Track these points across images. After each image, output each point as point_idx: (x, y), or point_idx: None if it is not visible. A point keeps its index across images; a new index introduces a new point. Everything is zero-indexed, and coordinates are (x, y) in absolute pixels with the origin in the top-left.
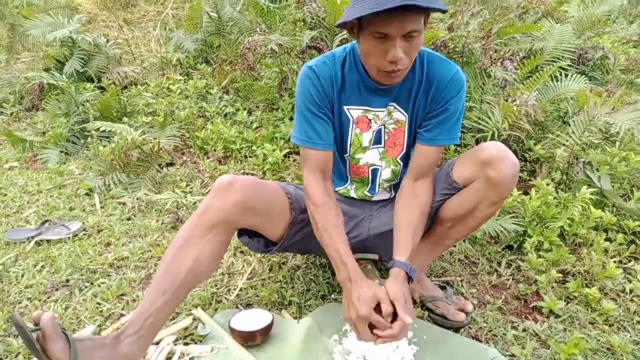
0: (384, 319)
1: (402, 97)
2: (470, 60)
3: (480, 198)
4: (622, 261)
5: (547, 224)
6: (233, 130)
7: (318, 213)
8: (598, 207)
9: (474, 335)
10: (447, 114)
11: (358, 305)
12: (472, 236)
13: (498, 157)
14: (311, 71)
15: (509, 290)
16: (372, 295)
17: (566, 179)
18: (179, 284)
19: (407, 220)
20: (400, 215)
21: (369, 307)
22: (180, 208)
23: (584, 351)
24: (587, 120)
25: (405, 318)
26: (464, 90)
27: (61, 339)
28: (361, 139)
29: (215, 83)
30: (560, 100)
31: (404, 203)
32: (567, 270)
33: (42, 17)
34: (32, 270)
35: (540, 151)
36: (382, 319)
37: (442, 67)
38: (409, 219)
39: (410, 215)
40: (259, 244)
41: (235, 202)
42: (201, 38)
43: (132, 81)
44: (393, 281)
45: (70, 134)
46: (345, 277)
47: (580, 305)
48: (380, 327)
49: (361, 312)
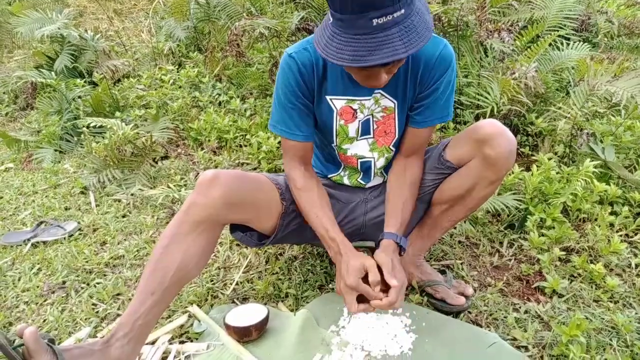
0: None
1: (389, 83)
2: (465, 34)
3: (477, 178)
4: (628, 235)
5: (549, 200)
6: (227, 119)
7: (301, 195)
8: (602, 180)
9: (474, 320)
10: (439, 92)
11: (345, 276)
12: (473, 216)
13: (494, 134)
14: (291, 59)
15: (511, 271)
16: (360, 265)
17: (569, 152)
18: (167, 284)
19: (396, 195)
20: (390, 192)
21: (356, 277)
22: (175, 202)
23: (587, 331)
24: (588, 89)
25: (391, 281)
26: (453, 64)
27: (47, 352)
28: (347, 130)
29: (207, 71)
30: (562, 70)
31: (395, 178)
32: (570, 248)
33: (30, 13)
34: (29, 273)
35: (542, 124)
36: (371, 289)
37: (429, 44)
38: (398, 192)
39: (400, 189)
40: (252, 238)
41: (219, 197)
42: (191, 25)
43: (124, 74)
44: (381, 251)
45: (64, 131)
46: (336, 251)
47: (585, 282)
48: (370, 297)
49: (348, 281)
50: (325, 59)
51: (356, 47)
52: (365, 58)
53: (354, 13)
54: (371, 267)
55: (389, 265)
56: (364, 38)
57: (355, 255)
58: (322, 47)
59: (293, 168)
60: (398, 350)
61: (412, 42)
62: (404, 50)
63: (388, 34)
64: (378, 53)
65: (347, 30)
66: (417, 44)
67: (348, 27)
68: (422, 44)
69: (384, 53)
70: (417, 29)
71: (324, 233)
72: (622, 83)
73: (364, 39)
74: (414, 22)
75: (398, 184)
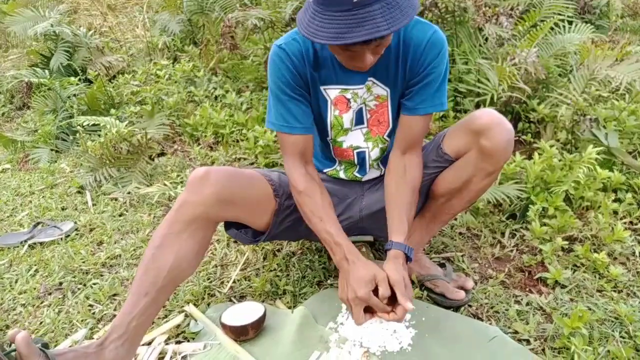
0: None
1: (380, 70)
2: (463, 20)
3: (474, 170)
4: (632, 222)
5: (551, 189)
6: (223, 114)
7: (302, 198)
8: (606, 167)
9: (474, 313)
10: (429, 79)
11: (356, 287)
12: (474, 207)
13: (491, 124)
14: (281, 50)
15: (513, 262)
16: (371, 277)
17: (572, 138)
18: (161, 284)
19: (400, 199)
20: (391, 194)
21: (367, 289)
22: (172, 200)
23: (589, 323)
24: (588, 75)
25: (406, 305)
26: (444, 51)
27: (39, 357)
28: (341, 121)
29: (202, 65)
30: (564, 55)
31: (394, 181)
32: (573, 237)
33: (23, 11)
34: (26, 275)
35: (544, 111)
36: (380, 302)
37: (418, 29)
38: (401, 198)
39: (401, 193)
40: (247, 235)
41: (211, 195)
42: (185, 18)
43: (119, 70)
44: (392, 264)
45: (59, 131)
46: (341, 257)
47: (588, 272)
48: (379, 310)
49: (359, 293)
50: (307, 38)
51: (337, 25)
52: (346, 35)
53: None
54: (382, 281)
55: (402, 286)
56: (345, 15)
57: (364, 265)
58: (304, 27)
59: (293, 168)
60: (397, 346)
61: (395, 19)
62: (386, 27)
63: (369, 11)
64: (359, 30)
65: (328, 8)
66: (401, 21)
67: (329, 4)
68: (405, 21)
69: (365, 30)
70: (401, 6)
71: (329, 238)
72: (624, 67)
73: (345, 16)
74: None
75: (399, 189)
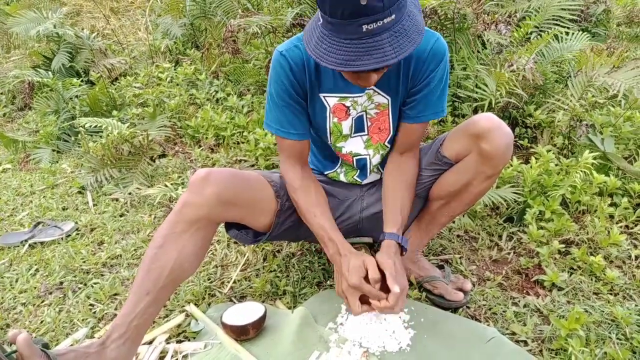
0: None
1: (382, 78)
2: (462, 27)
3: (474, 173)
4: (628, 226)
5: (548, 192)
6: (224, 117)
7: (297, 195)
8: (602, 172)
9: (472, 315)
10: (431, 87)
11: (347, 275)
12: (471, 210)
13: (490, 128)
14: (282, 57)
15: (510, 265)
16: (360, 264)
17: (568, 143)
18: (162, 283)
19: (394, 194)
20: (387, 189)
21: (358, 276)
22: (173, 201)
23: (586, 324)
24: (585, 81)
25: (393, 287)
26: (446, 59)
27: (41, 358)
28: (340, 128)
29: (204, 68)
30: (562, 62)
31: (391, 177)
32: (570, 240)
33: (26, 13)
34: (26, 274)
35: (541, 116)
36: (373, 288)
37: None
38: (396, 192)
39: (397, 188)
40: (248, 236)
41: (212, 196)
42: (187, 22)
43: (121, 72)
44: (383, 252)
45: (61, 131)
46: (334, 251)
47: (584, 275)
48: (373, 296)
49: (351, 281)
50: (315, 60)
51: (346, 52)
52: (355, 63)
53: (344, 19)
54: (370, 263)
55: (392, 270)
56: (354, 43)
57: (355, 255)
58: (311, 49)
59: (289, 168)
60: (396, 346)
61: (403, 47)
62: (393, 55)
63: (378, 40)
64: (368, 58)
65: (336, 34)
66: (408, 48)
67: (338, 31)
68: (412, 48)
69: (374, 59)
70: (408, 32)
71: (322, 233)
72: (621, 74)
73: (354, 44)
74: (405, 26)
75: (394, 184)
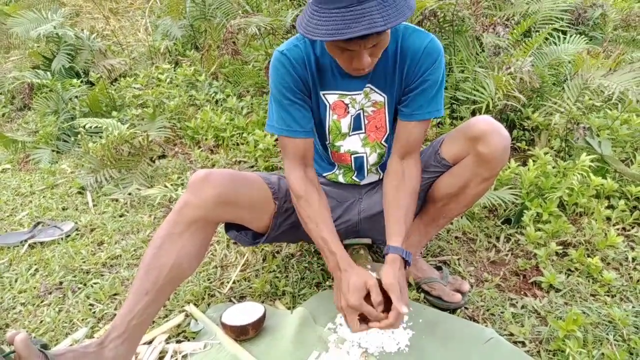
0: (375, 309)
1: (378, 76)
2: (460, 29)
3: (471, 175)
4: (625, 228)
5: (545, 195)
6: (223, 118)
7: (300, 204)
8: (599, 174)
9: (470, 316)
10: (425, 85)
11: (348, 295)
12: (469, 211)
13: (488, 131)
14: (283, 56)
15: (508, 266)
16: (362, 284)
17: (566, 146)
18: (161, 283)
19: (398, 204)
20: (389, 199)
21: (358, 297)
22: (172, 202)
23: (584, 326)
24: (581, 84)
25: (401, 308)
26: (440, 59)
27: (39, 358)
28: (339, 125)
29: (204, 70)
30: (559, 65)
31: (393, 185)
32: (567, 242)
33: (25, 13)
34: (26, 274)
35: (539, 119)
36: (373, 309)
37: (415, 38)
38: (399, 202)
39: (400, 198)
40: (247, 237)
41: (211, 196)
42: (187, 24)
43: (121, 73)
44: (388, 268)
45: (61, 132)
46: (334, 265)
47: (582, 277)
48: (372, 317)
49: (350, 301)
50: (305, 36)
51: (335, 22)
52: (344, 31)
53: None
54: (373, 287)
55: (397, 290)
56: (342, 12)
57: (356, 273)
58: (302, 27)
59: (293, 171)
60: (395, 346)
61: (391, 16)
62: (382, 23)
63: (366, 7)
64: (356, 26)
65: (325, 6)
66: (397, 18)
67: (327, 1)
68: (401, 19)
69: (362, 26)
70: (397, 5)
71: (323, 245)
72: (617, 77)
73: (342, 12)
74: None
75: (397, 193)
